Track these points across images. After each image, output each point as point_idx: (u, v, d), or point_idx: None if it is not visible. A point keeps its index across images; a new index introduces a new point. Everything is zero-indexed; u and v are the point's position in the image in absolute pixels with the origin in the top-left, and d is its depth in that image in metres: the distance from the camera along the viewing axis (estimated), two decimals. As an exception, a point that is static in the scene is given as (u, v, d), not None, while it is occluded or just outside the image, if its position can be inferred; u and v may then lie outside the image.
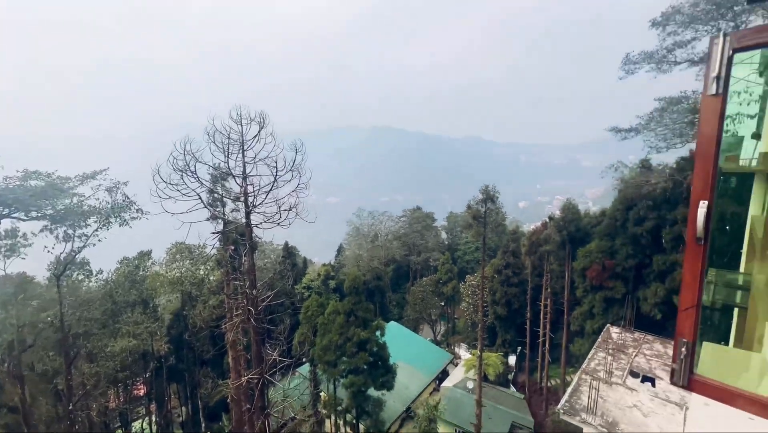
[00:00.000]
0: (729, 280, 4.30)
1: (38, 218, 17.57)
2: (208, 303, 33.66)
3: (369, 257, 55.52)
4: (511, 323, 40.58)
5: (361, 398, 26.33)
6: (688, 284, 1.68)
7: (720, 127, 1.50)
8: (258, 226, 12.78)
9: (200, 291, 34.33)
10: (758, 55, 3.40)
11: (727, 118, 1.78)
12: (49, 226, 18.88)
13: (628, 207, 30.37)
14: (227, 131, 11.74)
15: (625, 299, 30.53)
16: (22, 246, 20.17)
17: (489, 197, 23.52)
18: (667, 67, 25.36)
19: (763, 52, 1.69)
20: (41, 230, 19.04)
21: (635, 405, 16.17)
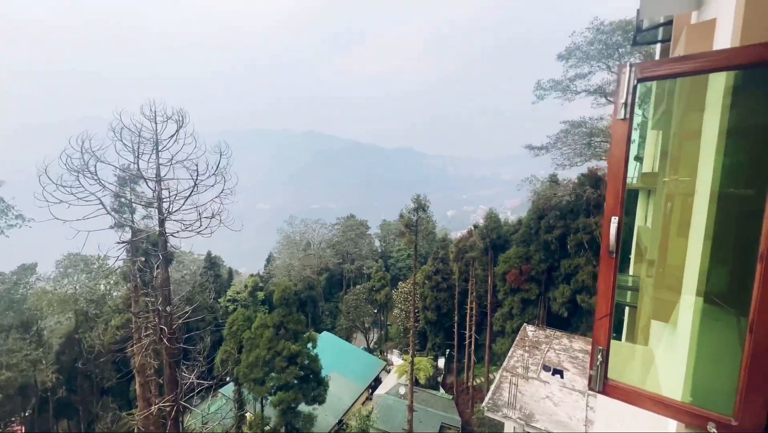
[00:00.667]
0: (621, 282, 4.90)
1: None
2: (110, 323, 29.42)
3: (301, 265, 53.82)
4: (441, 327, 42.31)
5: (291, 415, 25.10)
6: (603, 294, 1.83)
7: (628, 149, 1.68)
8: (174, 235, 11.54)
9: (100, 310, 29.87)
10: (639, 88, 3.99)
11: None
12: None
13: (540, 217, 33.84)
14: (138, 128, 10.48)
15: (539, 300, 33.83)
16: None
17: (420, 206, 24.41)
18: (570, 95, 29.11)
19: (643, 86, 1.94)
20: None
21: (548, 396, 17.83)
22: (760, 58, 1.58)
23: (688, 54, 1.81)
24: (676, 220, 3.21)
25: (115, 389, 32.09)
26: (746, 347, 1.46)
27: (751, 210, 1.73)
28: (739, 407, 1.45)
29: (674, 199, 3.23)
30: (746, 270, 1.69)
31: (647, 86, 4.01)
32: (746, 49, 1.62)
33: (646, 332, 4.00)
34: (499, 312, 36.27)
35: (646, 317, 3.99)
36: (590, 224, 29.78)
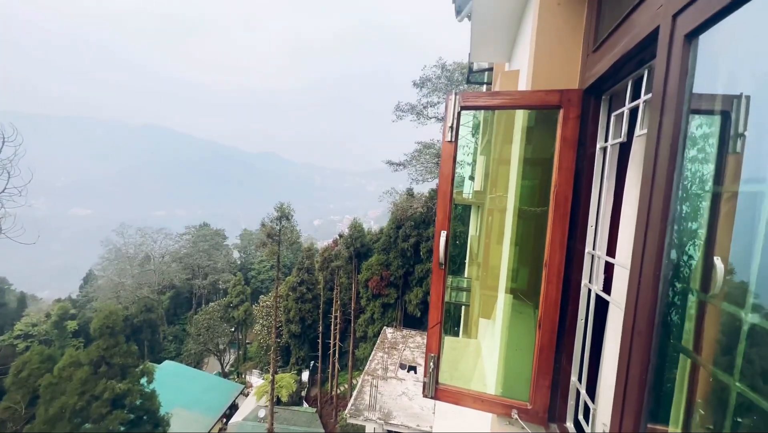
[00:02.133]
0: (459, 285, 5.62)
1: None
2: None
3: (135, 284, 44.71)
4: (305, 339, 41.31)
5: (115, 472, 20.16)
6: (434, 305, 1.96)
7: (453, 168, 1.86)
8: None
9: None
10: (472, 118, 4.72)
11: (457, 163, 2.29)
12: None
13: (398, 226, 37.01)
14: None
15: (397, 303, 36.67)
16: None
17: (284, 215, 23.47)
18: (423, 119, 33.03)
19: (475, 116, 2.24)
20: None
21: (404, 392, 19.30)
22: (542, 101, 1.99)
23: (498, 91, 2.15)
24: (495, 229, 3.83)
25: None
26: (536, 341, 1.78)
27: (541, 224, 2.14)
28: (532, 392, 1.75)
29: (494, 213, 3.84)
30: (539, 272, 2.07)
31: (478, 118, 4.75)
32: (534, 93, 2.02)
33: (475, 328, 4.63)
34: (362, 318, 37.75)
35: (475, 315, 4.63)
36: (438, 232, 34.15)
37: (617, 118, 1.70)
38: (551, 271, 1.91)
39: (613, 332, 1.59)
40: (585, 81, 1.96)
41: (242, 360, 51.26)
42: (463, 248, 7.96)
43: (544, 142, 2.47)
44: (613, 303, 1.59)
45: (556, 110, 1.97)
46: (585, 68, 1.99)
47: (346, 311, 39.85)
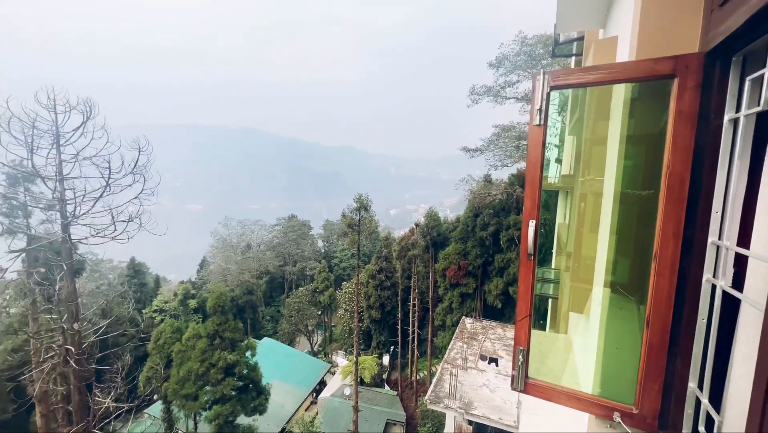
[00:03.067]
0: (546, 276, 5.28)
1: None
2: (4, 347, 25.10)
3: (239, 270, 50.91)
4: (385, 325, 42.82)
5: (229, 429, 23.57)
6: (523, 297, 1.89)
7: (543, 154, 1.74)
8: (83, 241, 10.16)
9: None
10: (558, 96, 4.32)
11: None
12: None
13: (476, 214, 35.81)
14: (31, 119, 9.03)
15: (476, 293, 35.77)
16: None
17: (363, 206, 24.39)
18: (501, 100, 31.16)
19: (562, 92, 2.05)
20: None
21: (484, 384, 18.89)
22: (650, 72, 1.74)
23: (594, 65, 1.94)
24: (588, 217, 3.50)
25: (9, 423, 27.51)
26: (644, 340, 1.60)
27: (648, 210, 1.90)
28: (639, 396, 1.58)
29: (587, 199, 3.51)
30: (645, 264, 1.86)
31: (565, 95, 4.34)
32: (639, 63, 1.77)
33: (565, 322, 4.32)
34: (440, 307, 37.70)
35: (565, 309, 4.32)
36: (519, 220, 32.24)
37: (754, 84, 1.41)
38: (663, 263, 1.68)
39: (746, 335, 1.36)
40: (708, 42, 1.65)
41: (328, 341, 55.29)
42: (548, 236, 7.39)
43: (652, 115, 2.16)
44: (746, 302, 1.36)
45: (669, 80, 1.71)
46: (708, 27, 1.68)
47: (424, 299, 40.15)
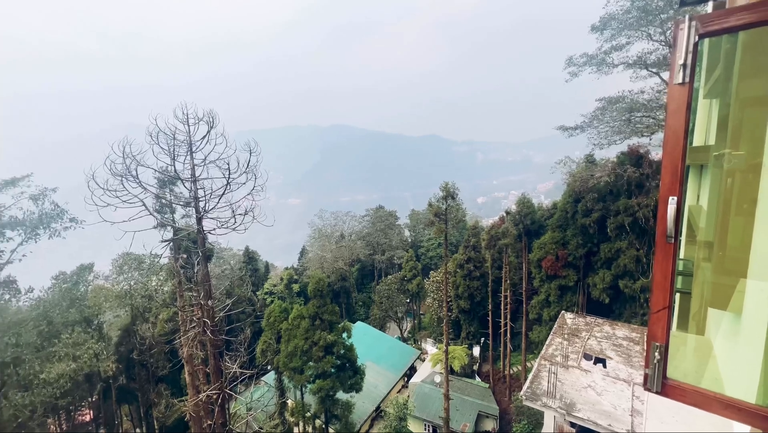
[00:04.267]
0: (673, 267, 4.53)
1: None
2: (159, 317, 31.44)
3: (333, 258, 54.83)
4: (474, 316, 41.81)
5: (330, 402, 25.88)
6: (659, 285, 1.64)
7: (688, 119, 1.46)
8: (211, 232, 12.01)
9: (151, 304, 31.97)
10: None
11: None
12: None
13: (576, 200, 32.31)
14: (172, 132, 10.90)
15: (577, 286, 32.52)
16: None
17: (449, 194, 23.97)
18: (606, 69, 27.27)
19: (711, 41, 1.69)
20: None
21: (589, 385, 17.19)
22: None
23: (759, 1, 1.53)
24: (737, 197, 2.88)
25: (168, 378, 34.45)
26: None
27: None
28: None
29: (736, 175, 2.89)
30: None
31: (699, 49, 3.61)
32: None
33: (701, 320, 3.68)
34: (535, 299, 35.27)
35: (702, 305, 3.68)
36: (632, 205, 28.07)
37: None
38: None
39: None
40: None
41: (417, 328, 56.33)
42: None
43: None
44: None
45: None
46: None
47: (517, 291, 38.02)
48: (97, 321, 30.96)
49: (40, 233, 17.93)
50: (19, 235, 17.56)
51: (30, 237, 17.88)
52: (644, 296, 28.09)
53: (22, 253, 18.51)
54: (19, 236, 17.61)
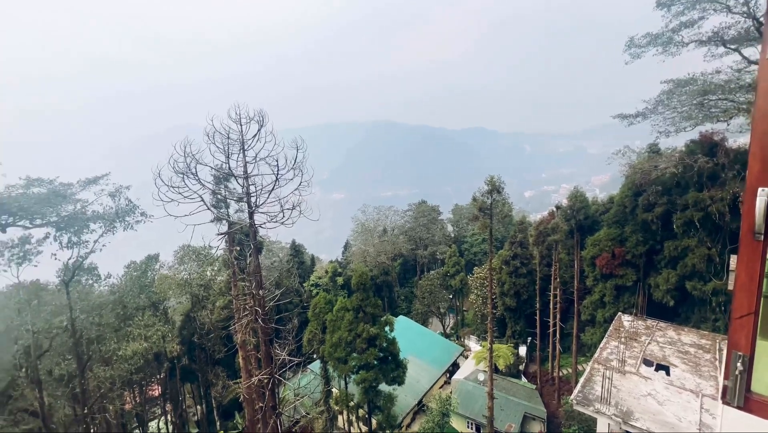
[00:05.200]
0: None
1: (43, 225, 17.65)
2: (216, 304, 33.86)
3: (376, 252, 55.49)
4: (521, 314, 40.34)
5: (373, 394, 26.39)
6: (744, 287, 1.47)
7: None
8: (262, 226, 12.67)
9: (208, 293, 34.53)
10: None
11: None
12: (54, 233, 19.01)
13: (637, 193, 29.86)
14: (226, 131, 11.61)
15: (637, 287, 30.17)
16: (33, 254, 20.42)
17: (494, 188, 23.19)
18: (674, 49, 24.73)
19: None
20: (45, 237, 19.20)
21: (650, 394, 15.93)
22: None
23: None
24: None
25: (224, 361, 37.12)
26: None
27: None
28: None
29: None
30: None
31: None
32: None
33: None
34: (588, 299, 33.26)
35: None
36: (703, 198, 25.37)
37: None
38: None
39: None
40: None
41: (460, 325, 55.50)
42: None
43: None
44: None
45: None
46: None
47: (568, 289, 36.05)
48: (162, 306, 34.04)
49: (117, 225, 20.12)
50: (99, 227, 19.88)
51: (108, 230, 20.14)
52: (717, 299, 25.39)
53: (102, 243, 20.95)
54: (99, 228, 19.93)
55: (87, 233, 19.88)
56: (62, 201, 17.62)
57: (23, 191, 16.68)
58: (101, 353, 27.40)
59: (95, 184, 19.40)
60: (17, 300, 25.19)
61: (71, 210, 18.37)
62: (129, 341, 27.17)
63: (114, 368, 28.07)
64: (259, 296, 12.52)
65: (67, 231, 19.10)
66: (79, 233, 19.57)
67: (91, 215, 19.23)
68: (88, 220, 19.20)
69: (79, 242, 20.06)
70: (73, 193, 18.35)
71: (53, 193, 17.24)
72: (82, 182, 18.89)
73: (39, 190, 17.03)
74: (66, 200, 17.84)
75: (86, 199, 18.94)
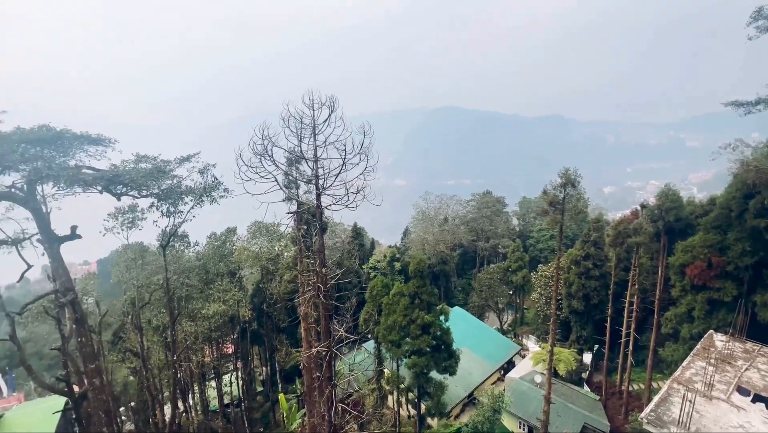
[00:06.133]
0: None
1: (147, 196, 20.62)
2: (283, 278, 36.60)
3: (435, 240, 55.09)
4: (588, 319, 37.43)
5: (423, 380, 26.72)
6: None
7: None
8: (328, 207, 13.31)
9: (276, 266, 37.43)
10: None
11: None
12: (156, 203, 22.10)
13: (748, 195, 25.55)
14: (300, 116, 12.26)
15: (737, 303, 26.14)
16: (139, 220, 23.99)
17: (569, 181, 21.45)
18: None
19: None
20: (150, 205, 22.42)
21: (741, 426, 13.93)
22: None
23: None
24: None
25: (287, 330, 40.28)
26: None
27: None
28: None
29: None
30: None
31: None
32: None
33: None
34: (672, 312, 29.69)
35: None
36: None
37: None
38: None
39: None
40: None
41: (519, 323, 53.21)
42: None
43: None
44: None
45: None
46: None
47: (648, 298, 32.48)
48: (238, 275, 37.74)
49: (204, 199, 22.71)
50: (191, 200, 22.65)
51: (197, 203, 22.83)
52: None
53: (192, 214, 23.87)
54: (191, 201, 22.71)
55: (181, 205, 22.80)
56: (163, 176, 20.32)
57: (134, 166, 19.53)
58: (188, 310, 31.43)
59: (188, 162, 21.98)
60: (126, 259, 29.84)
61: (169, 184, 21.13)
62: (210, 303, 30.71)
63: (197, 324, 32.09)
64: (322, 273, 13.27)
65: (166, 202, 22.07)
66: (175, 204, 22.52)
67: (184, 189, 21.92)
68: (182, 193, 21.92)
69: (174, 211, 23.10)
70: (171, 169, 21.03)
71: (156, 168, 19.92)
72: (177, 160, 21.53)
73: (145, 166, 19.80)
74: (165, 175, 20.54)
75: (181, 174, 21.60)
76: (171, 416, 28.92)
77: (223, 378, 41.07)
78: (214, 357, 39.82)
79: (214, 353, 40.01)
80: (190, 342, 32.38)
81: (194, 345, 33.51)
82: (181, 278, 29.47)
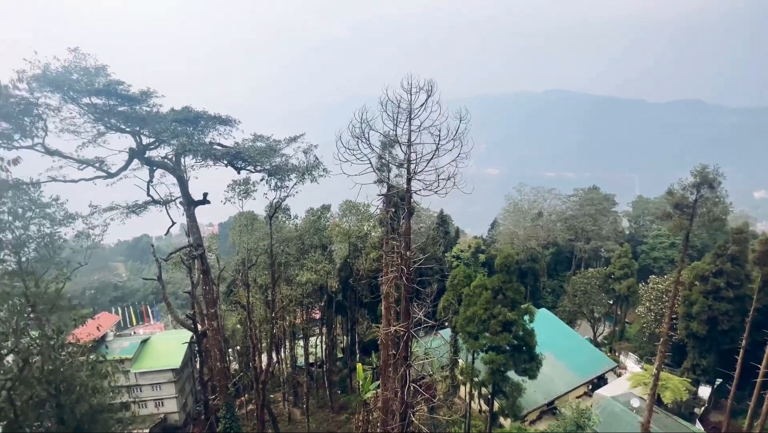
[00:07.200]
0: None
1: (260, 171, 23.49)
2: (369, 256, 38.41)
3: (526, 236, 51.56)
4: (712, 346, 31.41)
5: (500, 378, 25.78)
6: None
7: None
8: (417, 192, 13.42)
9: (363, 244, 39.41)
10: None
11: None
12: (266, 178, 25.01)
13: None
14: (397, 100, 12.44)
15: None
16: (252, 191, 27.48)
17: (705, 181, 17.85)
18: None
19: None
20: (261, 179, 25.48)
21: None
22: None
23: None
24: None
25: (369, 306, 42.50)
26: None
27: None
28: None
29: None
30: None
31: None
32: None
33: None
34: (843, 357, 23.09)
35: None
36: None
37: None
38: None
39: None
40: None
41: (618, 337, 47.28)
42: None
43: None
44: None
45: None
46: None
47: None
48: (328, 249, 40.82)
49: (306, 177, 24.93)
50: (295, 177, 25.09)
51: (300, 180, 25.19)
52: None
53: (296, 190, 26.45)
54: (295, 177, 25.16)
55: (287, 181, 25.43)
56: (273, 154, 22.88)
57: (251, 144, 22.36)
58: (286, 274, 35.29)
59: (294, 142, 24.26)
60: (239, 224, 34.57)
61: (278, 162, 23.71)
62: (304, 271, 33.96)
63: (293, 288, 35.86)
64: (406, 256, 13.59)
65: (275, 177, 24.83)
66: (282, 179, 25.20)
67: (290, 167, 24.36)
68: (289, 170, 24.39)
69: (281, 186, 25.87)
70: (281, 148, 23.51)
71: (269, 147, 22.50)
72: (286, 140, 23.94)
73: (260, 144, 22.51)
74: (276, 154, 23.08)
75: (288, 153, 24.03)
76: (266, 364, 33.24)
77: (310, 340, 45.44)
78: (303, 320, 44.23)
79: (304, 316, 44.40)
80: (286, 303, 36.42)
81: (289, 306, 37.60)
82: (282, 246, 33.10)
